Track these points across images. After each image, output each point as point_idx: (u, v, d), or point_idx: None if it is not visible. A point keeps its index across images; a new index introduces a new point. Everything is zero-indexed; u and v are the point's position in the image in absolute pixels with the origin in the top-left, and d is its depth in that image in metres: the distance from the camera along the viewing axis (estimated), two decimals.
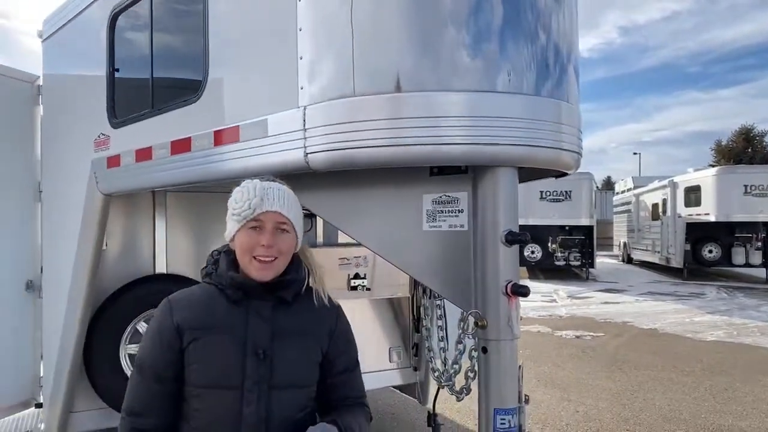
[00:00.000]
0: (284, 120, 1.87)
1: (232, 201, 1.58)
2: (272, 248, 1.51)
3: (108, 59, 2.93)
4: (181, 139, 2.32)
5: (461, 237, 1.88)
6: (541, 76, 1.82)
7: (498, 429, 1.74)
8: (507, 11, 1.76)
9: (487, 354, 1.81)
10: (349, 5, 1.74)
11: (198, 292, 1.61)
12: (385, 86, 1.73)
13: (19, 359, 3.83)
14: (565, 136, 1.86)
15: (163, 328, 1.53)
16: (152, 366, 1.53)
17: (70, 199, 3.37)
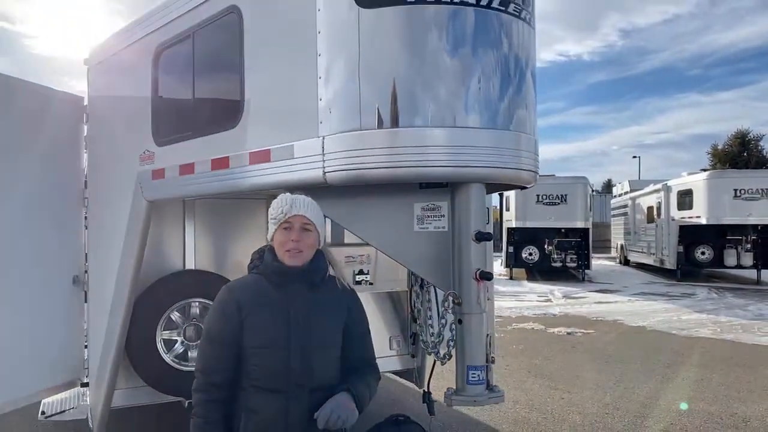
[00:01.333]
0: (307, 146, 2.42)
1: (271, 209, 2.07)
2: (300, 242, 2.01)
3: (152, 87, 3.49)
4: (220, 157, 2.87)
5: (443, 236, 2.44)
6: (504, 115, 2.38)
7: (470, 381, 2.30)
8: (477, 73, 2.32)
9: (462, 324, 2.37)
10: (356, 62, 2.31)
11: (249, 280, 2.12)
12: (385, 123, 2.29)
13: (66, 344, 4.37)
14: (524, 159, 2.43)
15: (226, 307, 2.02)
16: (218, 335, 2.02)
17: (115, 205, 3.93)
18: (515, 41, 2.43)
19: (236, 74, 2.82)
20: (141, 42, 3.61)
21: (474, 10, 2.29)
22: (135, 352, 4.05)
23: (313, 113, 2.41)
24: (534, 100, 2.55)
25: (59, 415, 4.38)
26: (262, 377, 1.98)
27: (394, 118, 2.32)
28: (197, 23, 3.11)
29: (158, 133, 3.44)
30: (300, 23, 2.49)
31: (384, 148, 2.30)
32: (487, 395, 2.37)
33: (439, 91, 2.32)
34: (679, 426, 5.34)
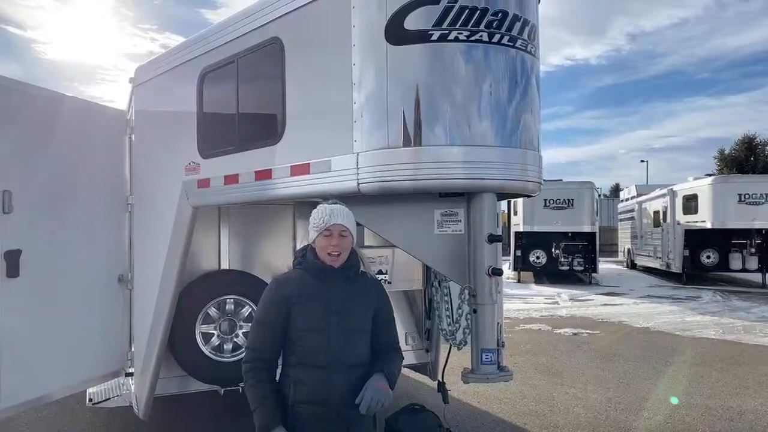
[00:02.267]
0: (344, 161, 2.83)
1: (312, 219, 2.43)
2: (338, 246, 2.37)
3: (198, 106, 3.91)
4: (263, 169, 3.29)
5: (460, 238, 2.85)
6: (512, 135, 2.79)
7: (484, 361, 2.71)
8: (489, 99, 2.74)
9: (476, 314, 2.77)
10: (386, 89, 2.73)
11: (294, 275, 2.49)
12: (411, 143, 2.70)
13: (112, 337, 4.79)
14: (529, 172, 2.84)
15: (275, 296, 2.40)
16: (266, 320, 2.40)
17: (159, 210, 4.35)
18: (522, 71, 2.84)
19: (278, 96, 3.23)
20: (186, 65, 4.03)
21: (488, 46, 2.71)
22: (176, 344, 4.47)
23: (348, 133, 2.82)
24: (538, 120, 2.95)
25: (105, 402, 4.79)
26: (307, 355, 2.36)
27: (417, 138, 2.72)
28: (241, 51, 3.53)
29: (203, 146, 3.86)
30: (337, 57, 2.90)
31: (409, 163, 2.71)
32: (498, 374, 2.78)
33: (456, 115, 2.73)
34: (677, 418, 5.69)
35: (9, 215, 3.80)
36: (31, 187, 4.04)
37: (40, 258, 4.06)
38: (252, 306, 4.72)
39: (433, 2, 2.64)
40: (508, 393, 6.50)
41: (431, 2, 2.64)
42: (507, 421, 5.64)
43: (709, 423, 5.55)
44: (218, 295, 4.65)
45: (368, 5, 2.78)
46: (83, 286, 4.54)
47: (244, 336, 4.72)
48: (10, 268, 3.79)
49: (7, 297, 3.81)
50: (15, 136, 3.95)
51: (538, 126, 2.95)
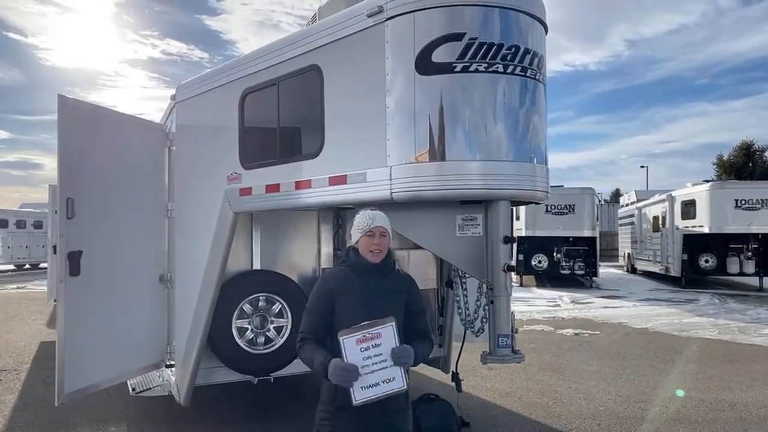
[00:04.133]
0: (378, 173, 3.30)
1: (356, 222, 2.79)
2: (380, 245, 2.72)
3: (240, 122, 4.38)
4: (304, 180, 3.76)
5: (478, 239, 3.32)
6: (523, 151, 3.26)
7: (500, 345, 3.17)
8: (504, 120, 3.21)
9: (493, 304, 3.24)
10: (414, 112, 3.20)
11: (338, 271, 2.84)
12: (436, 157, 3.17)
13: (154, 332, 5.24)
14: (538, 183, 3.31)
15: (323, 290, 2.76)
16: (314, 308, 2.75)
17: (201, 216, 4.80)
18: (531, 96, 3.31)
19: (317, 116, 3.70)
20: (228, 86, 4.50)
21: (503, 76, 3.18)
22: (214, 338, 4.91)
23: (382, 149, 3.29)
24: (545, 136, 3.42)
25: (147, 392, 5.24)
26: None
27: (441, 154, 3.19)
28: (281, 75, 4.00)
29: (245, 158, 4.33)
30: (372, 84, 3.37)
31: (435, 175, 3.18)
32: (512, 356, 3.23)
33: (475, 134, 3.20)
34: (672, 409, 6.12)
35: (72, 220, 4.25)
36: (88, 195, 4.50)
37: (97, 259, 4.51)
38: (282, 302, 5.18)
39: (456, 39, 3.11)
40: (514, 387, 6.94)
41: (455, 39, 3.11)
42: (514, 412, 6.07)
43: (701, 413, 5.97)
44: (252, 293, 5.09)
45: (400, 40, 3.25)
46: (130, 284, 5.00)
47: (276, 330, 5.18)
48: (73, 267, 4.24)
49: (70, 294, 4.26)
50: (75, 148, 4.41)
51: (545, 142, 3.42)
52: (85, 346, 4.47)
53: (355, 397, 2.50)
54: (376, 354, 2.54)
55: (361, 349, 2.54)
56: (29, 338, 9.98)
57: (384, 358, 2.55)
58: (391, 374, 2.54)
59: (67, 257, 4.22)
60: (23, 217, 27.50)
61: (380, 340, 2.56)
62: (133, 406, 5.93)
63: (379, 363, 2.54)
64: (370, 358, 2.53)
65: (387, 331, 2.57)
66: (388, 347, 2.56)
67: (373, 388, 2.51)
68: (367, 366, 2.53)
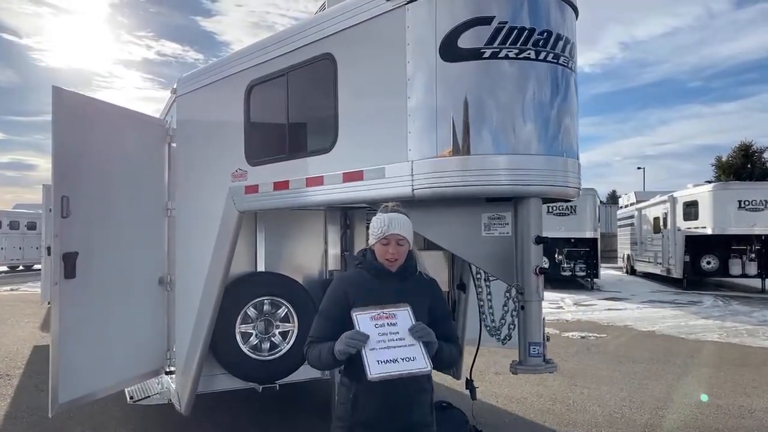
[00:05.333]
0: (398, 168, 3.06)
1: (372, 226, 2.59)
2: (395, 254, 2.53)
3: (245, 115, 4.14)
4: (315, 176, 3.52)
5: (507, 240, 3.09)
6: (555, 144, 3.03)
7: (531, 354, 2.93)
8: (534, 110, 2.98)
9: (524, 310, 3.00)
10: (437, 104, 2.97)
11: (354, 273, 2.67)
12: (461, 151, 2.94)
13: (153, 337, 4.99)
14: (569, 179, 3.08)
15: (337, 292, 2.59)
16: (328, 312, 2.57)
17: (203, 215, 4.56)
18: (563, 85, 3.08)
19: (330, 108, 3.46)
20: (232, 78, 4.26)
21: (535, 63, 2.95)
22: (217, 344, 4.66)
23: (402, 143, 3.05)
24: (577, 128, 3.19)
25: (145, 400, 4.99)
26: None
27: (467, 147, 2.96)
28: (290, 65, 3.76)
29: (251, 154, 4.08)
30: (392, 72, 3.13)
31: (459, 171, 2.94)
32: (545, 366, 3.00)
33: (504, 126, 2.97)
34: (691, 416, 5.91)
35: (67, 219, 4.00)
36: (85, 193, 4.25)
37: (93, 260, 4.26)
38: (287, 306, 4.94)
39: (484, 23, 2.88)
40: (524, 393, 6.72)
41: (483, 23, 2.88)
42: (527, 419, 5.85)
43: (721, 421, 5.76)
44: (256, 296, 4.86)
45: (422, 25, 3.02)
46: (128, 287, 4.75)
47: (281, 335, 4.93)
48: (68, 269, 3.99)
49: (65, 297, 4.01)
50: (71, 143, 4.16)
51: (577, 134, 3.19)
52: (80, 353, 4.22)
53: (371, 371, 2.31)
54: (392, 332, 2.41)
55: (376, 325, 2.42)
56: (22, 342, 9.69)
57: (401, 337, 2.42)
58: (411, 353, 2.39)
59: (62, 258, 3.97)
60: (16, 218, 27.16)
61: (395, 320, 2.44)
62: (131, 414, 5.68)
63: (395, 340, 2.40)
64: (386, 335, 2.41)
65: (402, 314, 2.46)
66: (404, 326, 2.43)
67: (391, 363, 2.35)
68: (381, 341, 2.39)
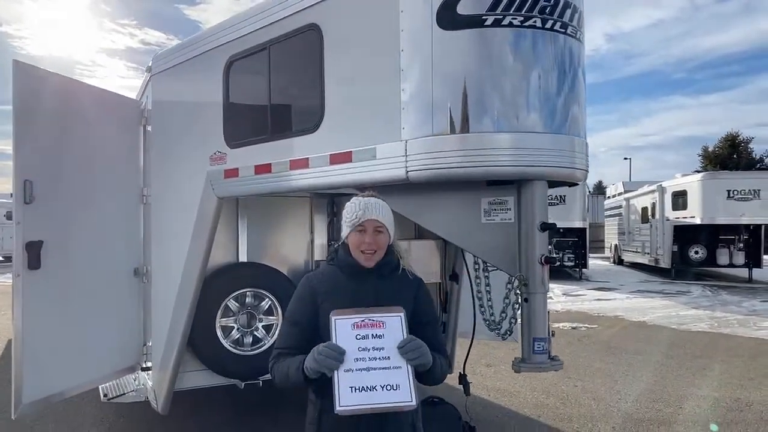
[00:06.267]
0: (390, 149, 2.79)
1: (345, 213, 2.20)
2: (372, 244, 2.13)
3: (224, 94, 3.84)
4: (300, 158, 3.23)
5: (509, 226, 2.83)
6: (561, 121, 2.77)
7: (536, 350, 2.69)
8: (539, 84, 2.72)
9: (528, 303, 2.76)
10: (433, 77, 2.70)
11: (326, 271, 2.26)
12: (459, 129, 2.67)
13: (128, 331, 4.69)
14: (577, 160, 2.82)
15: (304, 294, 2.19)
16: (294, 317, 2.18)
17: (180, 202, 4.26)
18: (571, 57, 2.83)
19: (316, 84, 3.18)
20: (210, 54, 3.95)
21: (540, 32, 2.69)
22: (196, 338, 4.39)
23: (395, 120, 2.78)
24: (584, 107, 2.94)
25: (120, 398, 4.70)
26: None
27: (466, 125, 2.70)
28: (272, 38, 3.47)
29: (231, 136, 3.79)
30: (383, 43, 2.86)
31: (459, 150, 2.68)
32: (550, 363, 2.76)
33: (507, 101, 2.71)
34: (687, 409, 5.74)
35: (30, 205, 3.69)
36: (50, 177, 3.93)
37: (60, 250, 3.96)
38: (271, 298, 4.67)
39: None
40: (517, 386, 6.52)
41: None
42: (520, 414, 5.65)
43: (720, 414, 5.60)
44: (237, 288, 4.59)
45: None
46: (100, 279, 4.44)
47: (264, 329, 4.67)
48: (32, 260, 3.69)
49: (28, 290, 3.71)
50: (35, 124, 3.84)
51: (584, 113, 2.93)
52: (47, 349, 3.92)
53: (340, 402, 1.83)
54: (375, 347, 1.93)
55: (357, 337, 1.94)
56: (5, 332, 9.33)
57: (386, 355, 1.92)
58: (395, 379, 1.88)
59: (25, 248, 3.66)
60: None
61: (383, 331, 1.96)
62: (108, 411, 5.40)
63: (378, 360, 1.91)
64: (367, 351, 1.92)
65: (393, 323, 1.98)
66: (392, 341, 1.94)
67: (367, 392, 1.86)
68: (361, 359, 1.90)
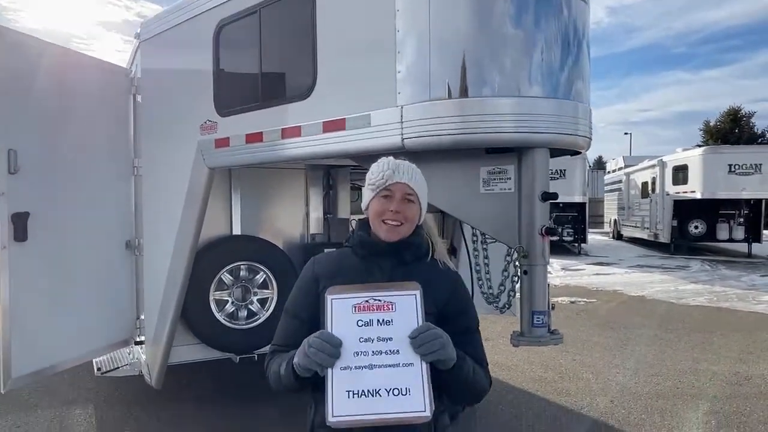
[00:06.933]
0: (385, 115, 2.67)
1: (370, 174, 1.78)
2: (399, 214, 1.69)
3: (214, 61, 3.70)
4: (292, 126, 3.11)
5: (509, 197, 2.72)
6: (564, 85, 2.64)
7: (535, 324, 2.61)
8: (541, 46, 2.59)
9: (527, 275, 2.67)
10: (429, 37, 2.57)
11: (335, 252, 1.87)
12: (458, 94, 2.55)
13: (120, 305, 4.62)
14: (580, 127, 2.70)
15: (305, 279, 1.80)
16: (293, 307, 1.79)
17: (171, 173, 4.15)
18: (574, 17, 2.69)
19: (308, 48, 3.04)
20: (200, 18, 3.79)
21: None
22: (190, 312, 4.32)
23: (391, 85, 2.66)
24: (589, 71, 2.81)
25: (114, 371, 4.65)
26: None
27: (464, 89, 2.57)
28: (263, 0, 3.32)
29: (221, 104, 3.66)
30: (378, 3, 2.72)
31: (457, 117, 2.56)
32: (549, 337, 2.69)
33: (507, 63, 2.58)
34: (686, 383, 5.71)
35: (15, 176, 3.58)
36: (36, 146, 3.82)
37: (48, 222, 3.85)
38: (266, 271, 4.59)
39: None
40: (514, 360, 6.49)
41: None
42: (518, 388, 5.63)
43: (718, 388, 5.57)
44: (231, 262, 4.51)
45: None
46: (90, 252, 4.35)
47: (259, 303, 4.60)
48: (18, 232, 3.59)
49: (15, 262, 3.61)
50: (17, 91, 3.70)
51: (588, 79, 2.81)
52: (36, 322, 3.85)
53: (333, 410, 1.43)
54: (382, 337, 1.49)
55: (359, 323, 1.51)
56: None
57: (395, 348, 1.48)
58: (405, 381, 1.45)
59: (11, 219, 3.56)
60: None
61: (392, 315, 1.51)
62: (102, 385, 5.36)
63: (384, 354, 1.48)
64: (371, 342, 1.49)
65: (406, 304, 1.53)
66: (404, 330, 1.49)
67: (368, 399, 1.44)
68: (363, 354, 1.48)
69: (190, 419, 4.70)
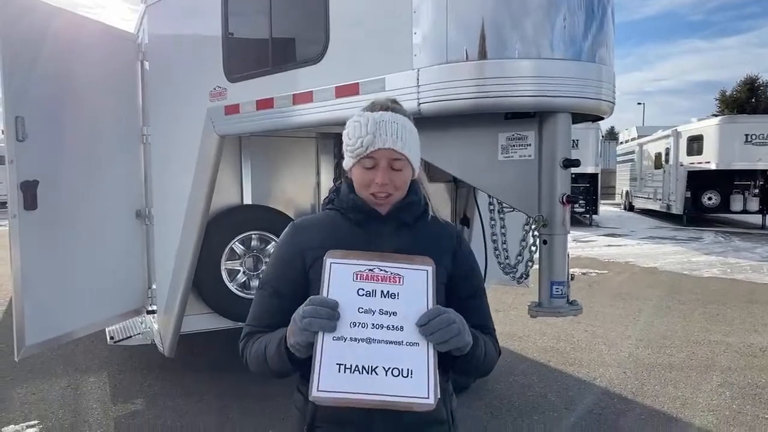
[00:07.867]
0: (401, 79, 2.58)
1: (345, 135, 1.50)
2: (387, 185, 1.46)
3: (223, 24, 3.59)
4: (303, 92, 3.02)
5: (529, 164, 2.63)
6: (587, 47, 2.53)
7: (554, 294, 2.55)
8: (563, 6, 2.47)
9: (547, 245, 2.60)
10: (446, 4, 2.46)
11: (321, 217, 1.60)
12: (476, 56, 2.45)
13: (132, 274, 4.61)
14: (604, 91, 2.60)
15: (286, 250, 1.54)
16: (272, 283, 1.54)
17: (181, 141, 4.08)
18: None
19: (320, 10, 2.94)
20: None
21: None
22: (202, 281, 4.30)
23: (407, 47, 2.56)
24: (613, 33, 2.70)
25: (127, 340, 4.66)
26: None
27: (482, 51, 2.47)
28: None
29: (231, 69, 3.57)
30: None
31: (475, 79, 2.46)
32: (569, 307, 2.63)
33: (528, 24, 2.47)
34: (700, 354, 5.67)
35: (24, 143, 3.53)
36: (44, 114, 3.75)
37: (57, 190, 3.81)
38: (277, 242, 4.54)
39: None
40: (526, 330, 6.47)
41: None
42: (530, 358, 5.61)
43: (732, 359, 5.53)
44: (243, 231, 4.47)
45: None
46: (100, 221, 4.32)
47: None
48: (28, 200, 3.55)
49: (26, 231, 3.58)
50: (26, 57, 3.63)
51: (612, 41, 2.69)
52: (48, 290, 3.84)
53: (319, 383, 1.23)
54: (385, 310, 1.30)
55: (360, 291, 1.32)
56: (6, 277, 9.36)
57: (399, 323, 1.29)
58: (406, 360, 1.26)
59: (20, 187, 3.52)
60: None
61: (400, 289, 1.32)
62: (116, 354, 5.40)
63: (386, 329, 1.29)
64: (371, 314, 1.30)
65: (416, 279, 1.34)
66: (411, 307, 1.31)
67: (360, 376, 1.25)
68: (360, 325, 1.29)
69: (204, 387, 4.72)
